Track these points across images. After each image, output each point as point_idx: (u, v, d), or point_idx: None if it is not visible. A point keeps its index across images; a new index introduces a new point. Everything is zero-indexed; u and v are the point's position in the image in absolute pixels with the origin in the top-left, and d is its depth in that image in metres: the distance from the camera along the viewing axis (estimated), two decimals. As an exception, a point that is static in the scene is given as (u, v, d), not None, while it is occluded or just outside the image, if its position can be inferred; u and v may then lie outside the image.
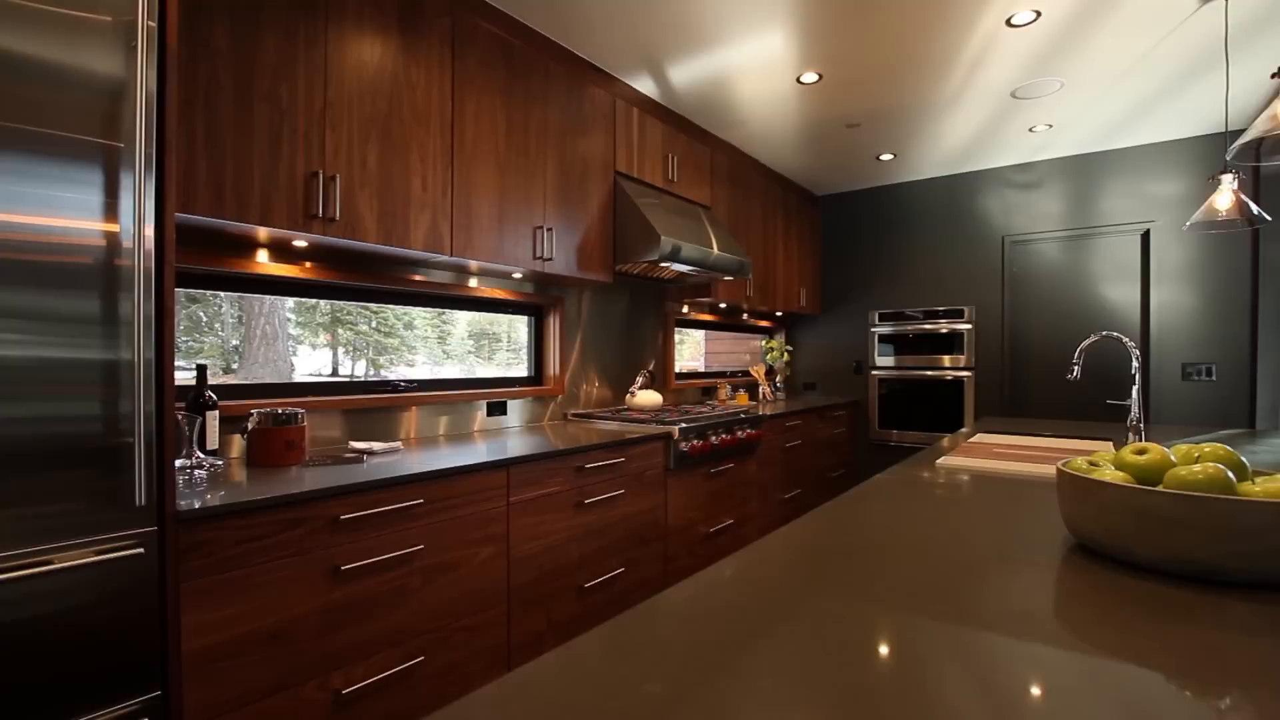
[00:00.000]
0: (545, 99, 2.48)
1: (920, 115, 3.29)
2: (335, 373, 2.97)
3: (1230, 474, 0.82)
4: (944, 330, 4.26)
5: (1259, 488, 0.82)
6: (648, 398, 3.12)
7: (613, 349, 3.30)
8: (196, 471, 1.60)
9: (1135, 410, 2.05)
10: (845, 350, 4.71)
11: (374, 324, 3.10)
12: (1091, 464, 0.99)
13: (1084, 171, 3.85)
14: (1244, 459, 0.87)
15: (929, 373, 4.32)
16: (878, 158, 3.96)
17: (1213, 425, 3.50)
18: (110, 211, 1.17)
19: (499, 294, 2.68)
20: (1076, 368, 2.17)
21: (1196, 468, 0.83)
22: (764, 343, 4.68)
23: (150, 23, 1.19)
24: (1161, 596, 0.76)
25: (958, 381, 4.22)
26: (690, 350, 4.71)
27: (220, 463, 1.69)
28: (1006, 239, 4.09)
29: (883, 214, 4.57)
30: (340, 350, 3.06)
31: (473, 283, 2.60)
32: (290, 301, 2.48)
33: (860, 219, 4.67)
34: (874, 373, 4.54)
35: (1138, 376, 2.07)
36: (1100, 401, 3.81)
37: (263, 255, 1.99)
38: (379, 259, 2.20)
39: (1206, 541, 0.79)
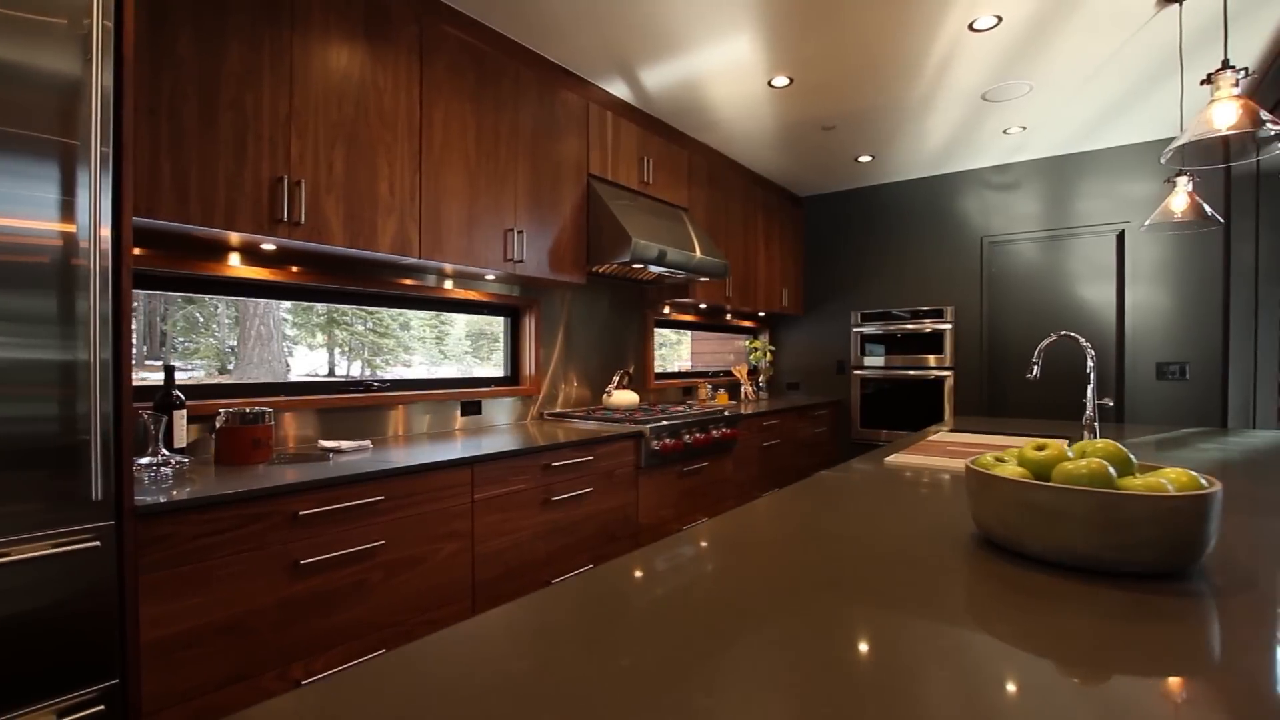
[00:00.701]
0: (516, 103, 2.52)
1: (894, 117, 3.33)
2: (332, 373, 3.02)
3: (1112, 469, 0.86)
4: (925, 330, 4.30)
5: (1139, 482, 0.86)
6: (624, 397, 3.16)
7: (592, 349, 3.35)
8: (163, 469, 1.65)
9: (1090, 409, 2.09)
10: (828, 350, 4.75)
11: (369, 325, 3.16)
12: (997, 459, 1.03)
13: (1059, 173, 3.89)
14: (1131, 455, 0.91)
15: (911, 372, 4.36)
16: (856, 159, 4.00)
17: (1186, 424, 3.54)
18: (67, 210, 1.21)
19: (473, 295, 2.73)
20: (1036, 367, 2.20)
21: (1081, 462, 0.87)
22: (748, 343, 4.72)
23: (106, 22, 1.24)
24: (1040, 585, 0.80)
25: (938, 381, 4.26)
26: (679, 350, 4.75)
27: (186, 460, 1.74)
28: (985, 240, 4.13)
29: (864, 215, 4.61)
30: (336, 351, 3.13)
31: (448, 284, 2.64)
32: (286, 304, 2.53)
33: (842, 220, 4.71)
34: (856, 372, 4.58)
35: (1093, 375, 2.11)
36: (1077, 400, 3.84)
37: (235, 259, 2.03)
38: (360, 262, 2.25)
39: (1085, 533, 0.83)
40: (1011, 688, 0.54)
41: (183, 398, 1.78)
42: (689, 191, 3.55)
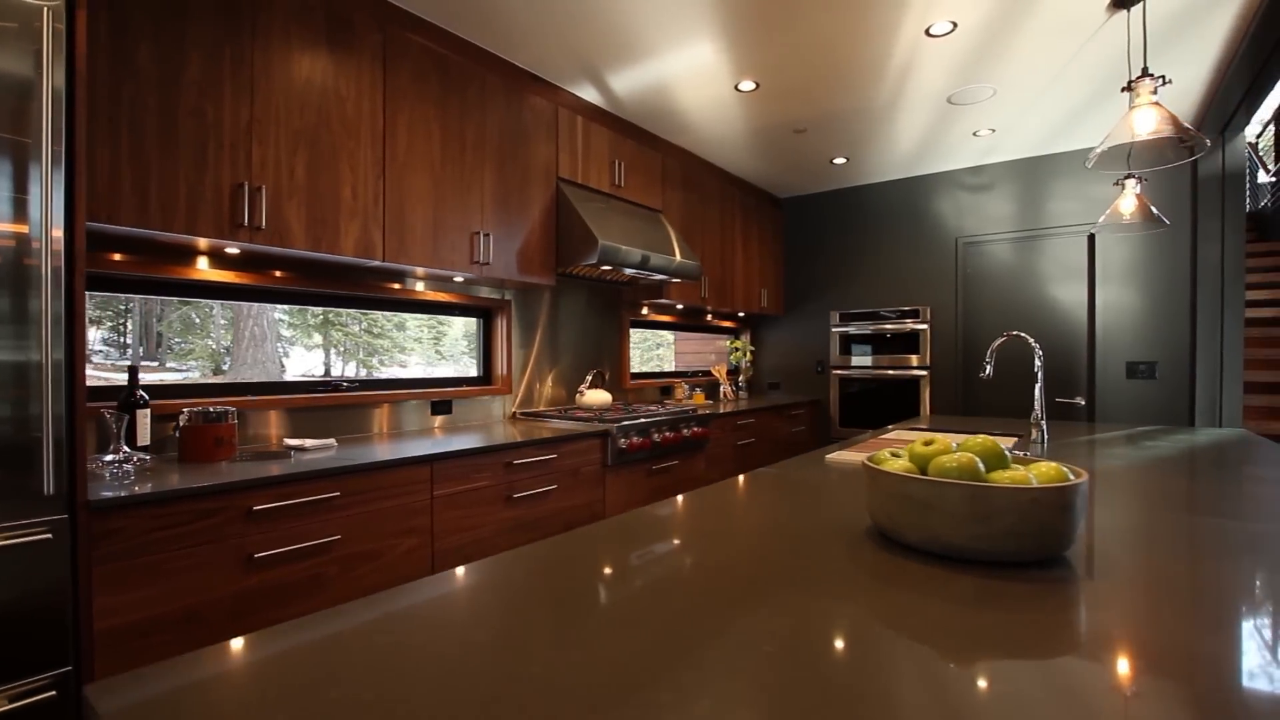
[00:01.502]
0: (482, 109, 2.57)
1: (863, 120, 3.38)
2: (328, 373, 3.09)
3: (981, 463, 0.91)
4: (901, 330, 4.34)
5: (1007, 475, 0.91)
6: (596, 397, 3.21)
7: (568, 350, 3.40)
8: (124, 465, 1.70)
9: (1036, 407, 2.13)
10: (808, 350, 4.80)
11: (364, 326, 3.23)
12: (893, 454, 1.08)
13: (1031, 174, 3.93)
14: (1006, 450, 0.96)
15: (890, 372, 4.40)
16: (831, 161, 4.04)
17: (1156, 422, 3.58)
18: (19, 210, 1.26)
19: (442, 297, 2.78)
20: (989, 366, 2.26)
21: (954, 456, 0.92)
22: (728, 343, 4.77)
23: (57, 25, 1.29)
24: (906, 571, 0.85)
25: (915, 380, 4.30)
26: (664, 351, 4.80)
27: (148, 457, 1.79)
28: (960, 240, 4.17)
29: (842, 216, 4.66)
30: (333, 351, 3.19)
31: (420, 286, 2.70)
32: (282, 306, 2.59)
33: (821, 221, 4.76)
34: (835, 372, 4.63)
35: (1040, 375, 2.15)
36: (1050, 399, 3.89)
37: (203, 262, 2.09)
38: (334, 266, 2.30)
39: (953, 523, 0.88)
40: (833, 658, 0.59)
41: (146, 397, 1.84)
42: (664, 194, 3.60)
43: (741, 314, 4.61)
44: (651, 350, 4.87)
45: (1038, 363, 2.17)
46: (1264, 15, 2.26)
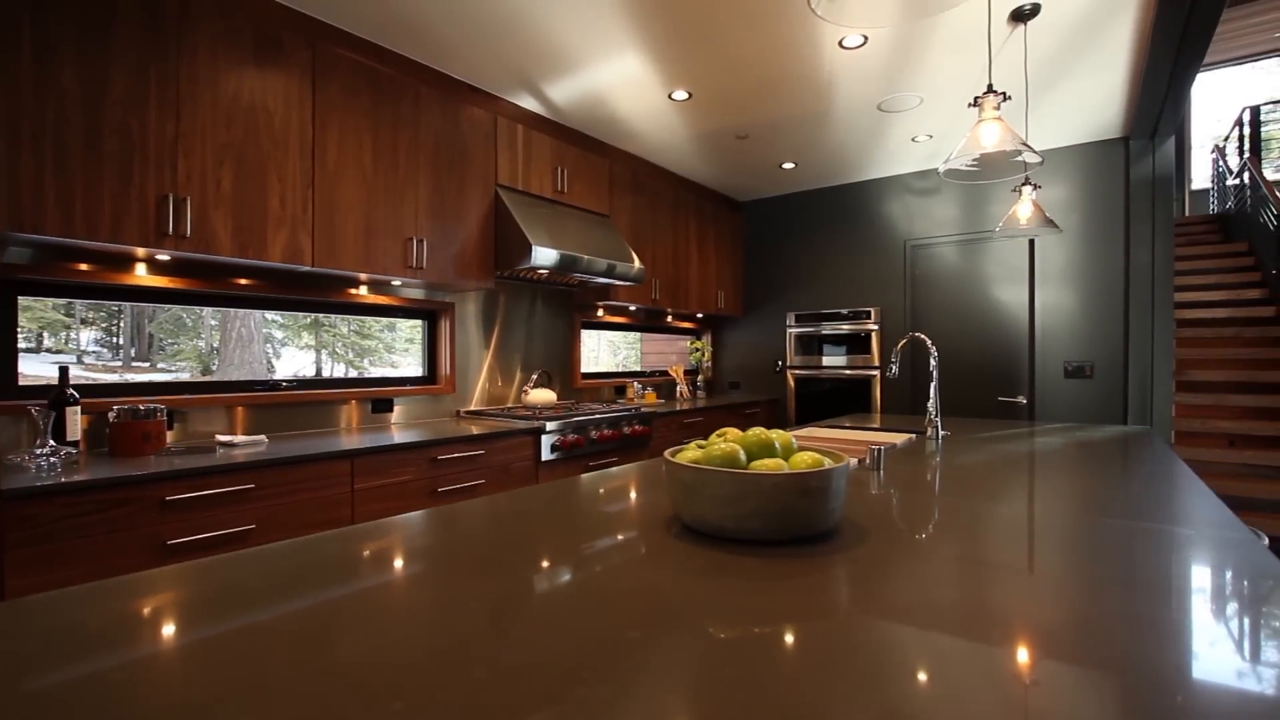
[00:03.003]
0: (416, 120, 2.69)
1: (801, 127, 3.48)
2: (319, 373, 3.23)
3: (743, 453, 1.02)
4: (853, 331, 4.44)
5: (767, 463, 1.01)
6: (540, 395, 3.32)
7: (520, 350, 3.52)
8: (51, 459, 1.83)
9: (930, 406, 2.23)
10: (767, 350, 4.90)
11: (352, 328, 3.36)
12: (699, 446, 1.18)
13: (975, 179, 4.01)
14: (778, 442, 1.06)
15: (846, 371, 4.50)
16: (780, 166, 4.14)
17: (1092, 420, 3.66)
18: None
19: (384, 300, 2.90)
20: (894, 365, 2.36)
21: (720, 446, 1.03)
22: (689, 343, 4.88)
23: None
24: (675, 550, 0.95)
25: (867, 379, 4.39)
26: (630, 352, 4.91)
27: (75, 451, 1.92)
28: (908, 243, 4.26)
29: (798, 219, 4.75)
30: (324, 352, 3.33)
31: (363, 290, 2.82)
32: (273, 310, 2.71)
33: (778, 224, 4.86)
34: (791, 371, 4.72)
35: (935, 374, 2.25)
36: (993, 398, 3.97)
37: (142, 269, 2.21)
38: (279, 272, 2.42)
39: (711, 505, 0.98)
40: (536, 607, 0.70)
41: (76, 395, 1.96)
42: (611, 198, 3.71)
43: (700, 315, 4.72)
44: (621, 351, 4.99)
45: (933, 363, 2.27)
46: (1158, 23, 2.35)
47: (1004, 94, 1.67)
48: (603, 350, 4.80)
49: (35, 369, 2.34)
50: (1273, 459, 3.94)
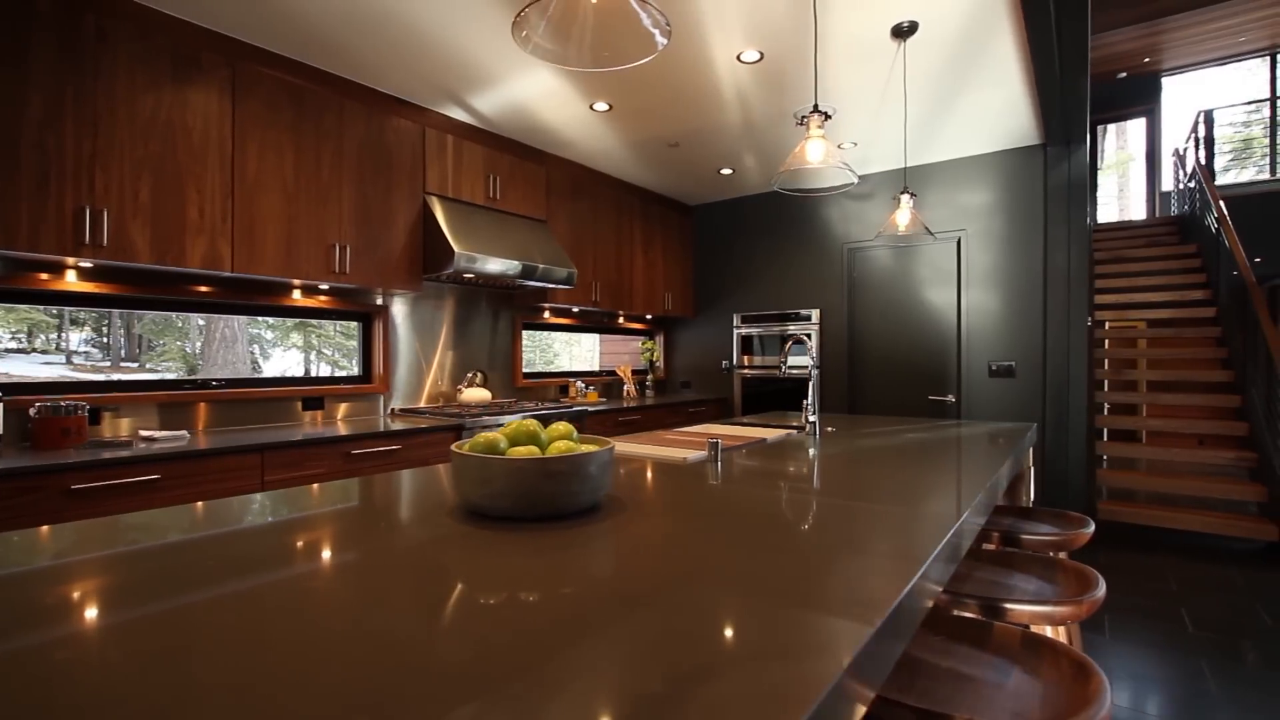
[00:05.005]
0: (340, 132, 2.84)
1: (726, 136, 3.61)
2: (307, 372, 3.39)
3: (505, 441, 1.16)
4: (794, 331, 4.56)
5: (519, 450, 1.14)
6: (475, 394, 3.47)
7: (459, 350, 3.66)
8: (-30, 451, 1.98)
9: (805, 404, 2.36)
10: (718, 351, 5.03)
11: (338, 328, 3.52)
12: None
13: (907, 183, 4.13)
14: (542, 434, 1.20)
15: (790, 371, 4.61)
16: (719, 172, 4.27)
17: (1014, 419, 3.77)
18: None
19: (315, 303, 3.05)
20: (784, 365, 2.49)
21: (485, 435, 1.16)
22: (641, 344, 5.01)
23: None
24: (446, 526, 1.09)
25: (807, 379, 4.51)
26: (588, 352, 5.05)
27: (-6, 445, 2.08)
28: (846, 246, 4.38)
29: (744, 223, 4.88)
30: (312, 353, 3.49)
31: (296, 295, 2.97)
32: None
33: (726, 228, 4.99)
34: (737, 371, 4.85)
35: (814, 376, 2.38)
36: (924, 396, 4.09)
37: (71, 275, 2.37)
38: (207, 277, 2.57)
39: (470, 486, 1.12)
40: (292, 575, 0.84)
41: (-2, 393, 2.12)
42: (549, 204, 3.85)
43: (649, 316, 4.85)
44: (582, 352, 5.12)
45: (811, 360, 2.39)
46: (1032, 39, 2.47)
47: (826, 113, 1.79)
48: (564, 352, 4.93)
49: (23, 369, 2.52)
50: (1223, 458, 4.03)
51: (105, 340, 3.07)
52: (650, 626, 0.65)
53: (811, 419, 2.34)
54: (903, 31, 2.47)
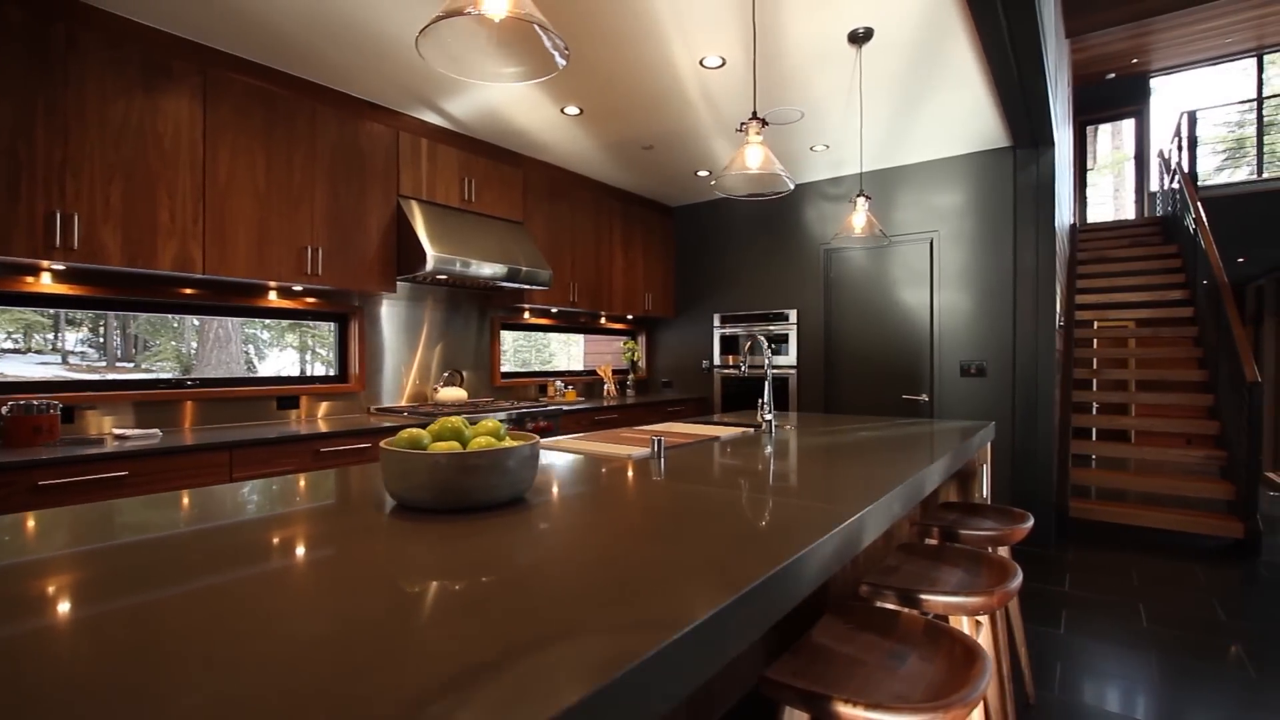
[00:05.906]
0: (312, 137, 2.89)
1: (698, 139, 3.65)
2: (302, 372, 3.45)
3: (428, 436, 1.21)
4: (774, 331, 4.61)
5: (440, 445, 1.20)
6: (450, 394, 3.52)
7: (437, 349, 3.72)
8: (-58, 449, 2.05)
9: (759, 402, 2.41)
10: (697, 350, 5.08)
11: (332, 328, 3.58)
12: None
13: (880, 185, 4.18)
14: (466, 429, 1.25)
15: (775, 371, 4.66)
16: (696, 174, 4.32)
17: (984, 417, 3.81)
18: None
19: (291, 304, 3.11)
20: (744, 365, 2.54)
21: (411, 432, 1.22)
22: (623, 344, 5.07)
23: None
24: (371, 516, 1.15)
25: (785, 378, 4.56)
26: (573, 352, 5.10)
27: (-34, 442, 2.14)
28: (823, 247, 4.43)
29: (724, 224, 4.93)
30: (308, 354, 3.56)
31: (272, 296, 3.03)
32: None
33: (706, 229, 5.04)
34: (718, 370, 4.90)
35: (769, 373, 2.42)
36: (898, 397, 4.13)
37: (47, 277, 2.43)
38: (183, 279, 2.63)
39: (393, 481, 1.17)
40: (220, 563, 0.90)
41: (-28, 392, 2.18)
42: (526, 205, 3.90)
43: (630, 316, 4.90)
44: (577, 352, 5.17)
45: (766, 360, 2.44)
46: (985, 44, 2.51)
47: (763, 120, 1.84)
48: (561, 351, 4.98)
49: (17, 369, 2.58)
50: (1195, 456, 4.07)
51: (101, 341, 3.13)
52: (508, 607, 0.70)
53: (767, 417, 2.39)
54: (859, 38, 2.51)
